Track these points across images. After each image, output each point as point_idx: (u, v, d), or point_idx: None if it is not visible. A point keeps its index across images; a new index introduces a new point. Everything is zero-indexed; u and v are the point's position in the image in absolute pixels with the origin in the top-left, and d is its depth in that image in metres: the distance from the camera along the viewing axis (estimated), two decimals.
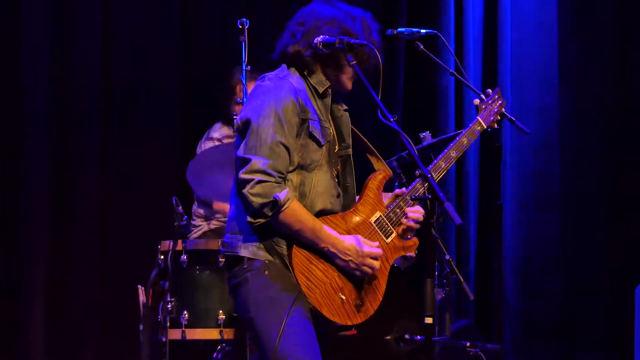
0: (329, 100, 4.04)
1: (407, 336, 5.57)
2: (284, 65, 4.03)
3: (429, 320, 3.56)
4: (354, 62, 3.86)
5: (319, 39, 3.92)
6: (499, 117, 4.49)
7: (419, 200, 4.00)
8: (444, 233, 6.99)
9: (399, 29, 4.72)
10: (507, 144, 7.28)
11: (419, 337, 5.68)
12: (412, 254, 4.15)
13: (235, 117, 5.23)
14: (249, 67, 5.38)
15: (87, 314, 6.59)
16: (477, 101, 4.49)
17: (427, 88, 7.31)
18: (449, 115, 7.30)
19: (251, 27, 5.42)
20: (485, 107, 4.48)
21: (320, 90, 3.98)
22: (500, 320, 5.48)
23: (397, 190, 4.12)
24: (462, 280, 5.25)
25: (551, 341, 7.32)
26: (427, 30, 4.75)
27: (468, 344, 5.57)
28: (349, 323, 3.93)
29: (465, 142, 4.33)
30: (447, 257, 5.41)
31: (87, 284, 6.60)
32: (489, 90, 4.55)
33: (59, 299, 6.57)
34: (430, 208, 3.61)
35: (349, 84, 4.04)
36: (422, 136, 5.60)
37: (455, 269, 5.40)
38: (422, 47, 4.72)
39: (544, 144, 7.34)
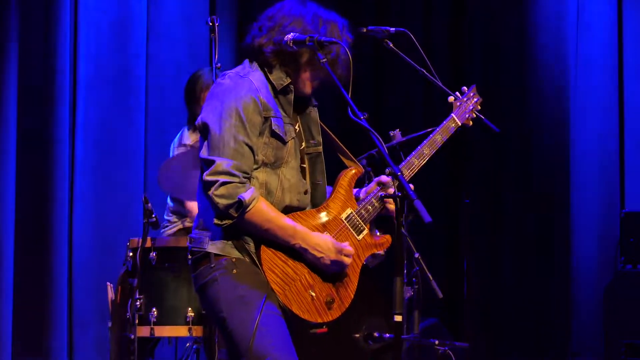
0: (291, 96, 3.94)
1: (375, 334, 5.59)
2: (247, 61, 3.96)
3: (398, 318, 3.55)
4: (324, 60, 3.81)
5: (290, 36, 3.86)
6: (474, 115, 4.42)
7: (389, 198, 3.98)
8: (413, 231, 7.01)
9: (369, 27, 4.71)
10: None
11: (387, 334, 5.70)
12: (381, 252, 4.12)
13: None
14: (219, 64, 5.36)
15: (56, 311, 6.56)
16: (452, 98, 4.41)
17: (397, 86, 7.33)
18: (418, 114, 7.33)
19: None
20: (460, 104, 4.41)
21: (279, 87, 3.91)
22: (469, 318, 5.50)
23: (368, 187, 4.07)
24: (431, 278, 5.26)
25: (517, 340, 7.37)
26: (397, 29, 4.74)
27: (437, 342, 5.59)
28: (320, 320, 3.87)
29: (439, 139, 4.26)
30: (417, 255, 5.42)
31: (55, 280, 6.57)
32: (464, 88, 4.49)
33: (27, 295, 6.54)
34: (400, 206, 3.59)
35: (307, 86, 3.96)
36: (391, 134, 5.60)
37: (425, 267, 5.41)
38: (391, 45, 4.71)
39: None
